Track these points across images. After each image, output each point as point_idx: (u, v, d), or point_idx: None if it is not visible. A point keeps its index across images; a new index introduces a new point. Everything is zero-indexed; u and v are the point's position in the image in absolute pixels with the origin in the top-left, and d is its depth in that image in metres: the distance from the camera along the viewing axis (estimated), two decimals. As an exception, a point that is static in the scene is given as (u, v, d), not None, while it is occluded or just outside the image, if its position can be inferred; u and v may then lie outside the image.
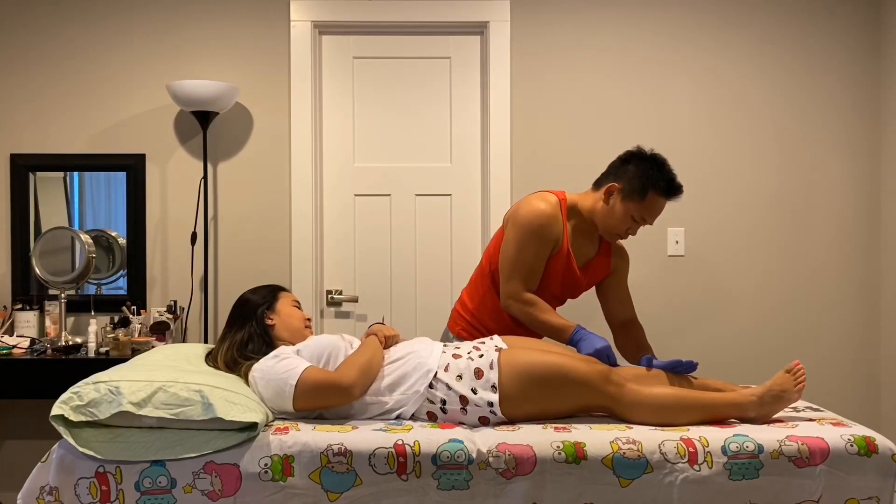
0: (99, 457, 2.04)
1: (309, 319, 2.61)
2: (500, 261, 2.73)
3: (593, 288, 2.96)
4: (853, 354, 3.76)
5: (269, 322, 2.51)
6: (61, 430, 2.06)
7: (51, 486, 2.06)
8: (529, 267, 2.68)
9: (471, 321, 2.86)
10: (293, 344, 2.44)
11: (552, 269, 2.73)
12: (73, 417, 2.05)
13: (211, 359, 2.47)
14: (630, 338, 2.90)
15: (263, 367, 2.28)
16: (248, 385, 2.30)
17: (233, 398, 2.11)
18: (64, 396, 2.09)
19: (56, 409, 2.06)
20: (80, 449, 2.04)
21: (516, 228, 2.70)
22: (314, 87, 3.70)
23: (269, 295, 2.58)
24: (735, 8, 3.71)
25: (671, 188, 2.66)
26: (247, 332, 2.48)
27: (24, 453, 3.63)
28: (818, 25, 3.72)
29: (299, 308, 2.61)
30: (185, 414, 2.06)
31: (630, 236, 2.78)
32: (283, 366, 2.25)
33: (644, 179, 2.64)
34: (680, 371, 2.46)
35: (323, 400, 2.23)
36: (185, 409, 2.06)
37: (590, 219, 2.75)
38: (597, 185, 2.78)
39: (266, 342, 2.46)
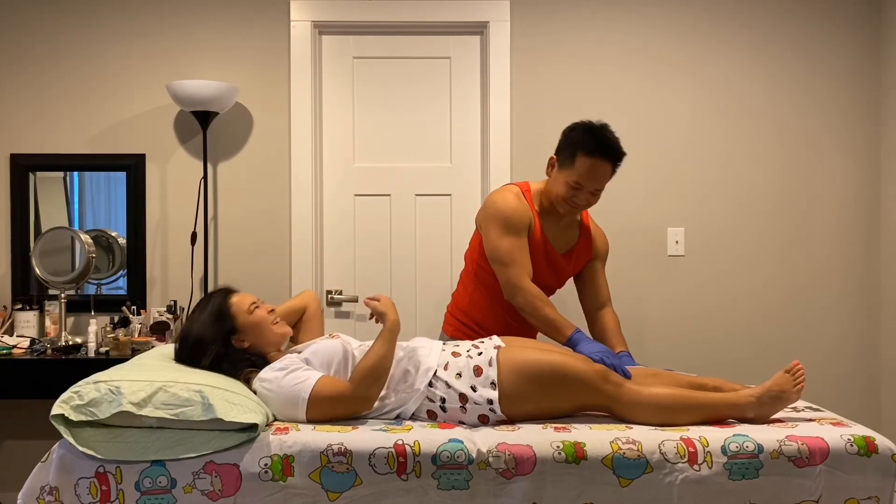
0: (99, 456, 2.04)
1: (272, 310, 2.44)
2: (489, 258, 2.75)
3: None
4: (853, 354, 3.76)
5: (244, 346, 2.37)
6: (61, 429, 2.05)
7: (51, 486, 2.05)
8: (520, 253, 2.69)
9: (464, 321, 2.87)
10: (277, 348, 2.41)
11: (532, 256, 2.74)
12: (74, 417, 2.05)
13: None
14: (605, 326, 2.89)
15: (271, 378, 2.24)
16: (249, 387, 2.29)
17: (233, 398, 2.11)
18: (64, 396, 2.09)
19: (56, 409, 2.06)
20: (81, 448, 2.04)
21: (491, 223, 2.72)
22: (314, 86, 3.70)
23: (222, 318, 2.35)
24: (735, 7, 3.71)
25: (598, 147, 2.62)
26: (227, 362, 2.32)
27: (24, 453, 3.63)
28: (818, 25, 3.72)
29: (256, 305, 2.41)
30: (185, 414, 2.06)
31: (586, 205, 2.73)
32: (292, 378, 2.21)
33: (571, 145, 2.66)
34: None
35: (337, 411, 2.20)
36: (185, 410, 2.06)
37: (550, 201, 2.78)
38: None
39: (254, 360, 2.36)
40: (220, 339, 2.35)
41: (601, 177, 2.67)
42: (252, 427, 2.08)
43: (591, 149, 2.62)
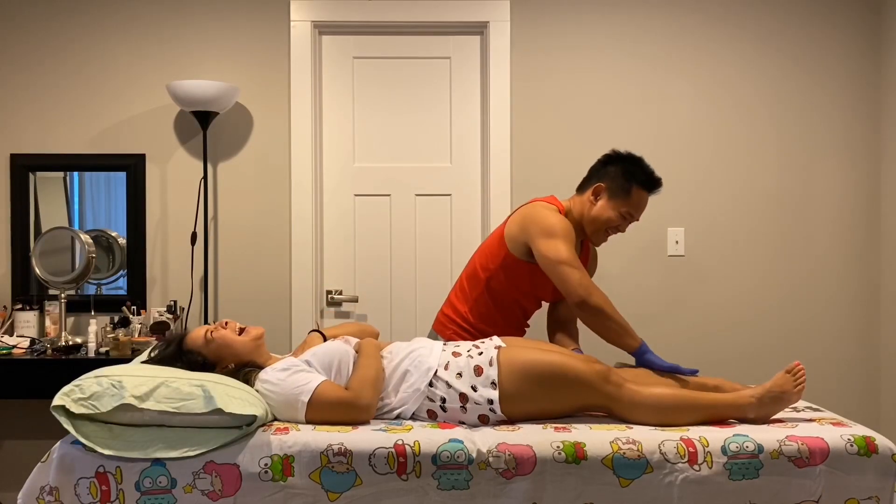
0: (99, 450, 2.03)
1: (227, 323, 2.41)
2: (550, 263, 2.64)
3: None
4: (853, 354, 3.76)
5: (231, 368, 2.36)
6: (62, 419, 2.05)
7: (51, 486, 2.05)
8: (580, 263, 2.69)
9: (463, 325, 2.85)
10: (260, 351, 2.41)
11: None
12: (75, 409, 2.04)
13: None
14: (563, 328, 2.91)
15: (273, 379, 2.24)
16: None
17: (234, 393, 2.13)
18: (66, 388, 2.08)
19: (58, 400, 2.06)
20: (81, 440, 2.04)
21: (549, 235, 2.66)
22: (314, 87, 3.70)
23: (193, 363, 2.31)
24: (735, 8, 3.71)
25: (652, 182, 2.77)
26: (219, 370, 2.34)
27: (24, 453, 3.63)
28: (818, 26, 3.72)
29: (211, 331, 2.38)
30: (186, 408, 2.06)
31: (619, 233, 2.83)
32: (295, 380, 2.22)
33: (627, 176, 2.74)
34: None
35: (338, 417, 2.19)
36: (186, 403, 2.07)
37: (579, 223, 2.80)
38: (581, 189, 2.84)
39: (247, 370, 2.35)
40: (202, 367, 2.32)
41: (645, 207, 2.81)
42: (251, 421, 2.08)
43: (646, 183, 2.75)
